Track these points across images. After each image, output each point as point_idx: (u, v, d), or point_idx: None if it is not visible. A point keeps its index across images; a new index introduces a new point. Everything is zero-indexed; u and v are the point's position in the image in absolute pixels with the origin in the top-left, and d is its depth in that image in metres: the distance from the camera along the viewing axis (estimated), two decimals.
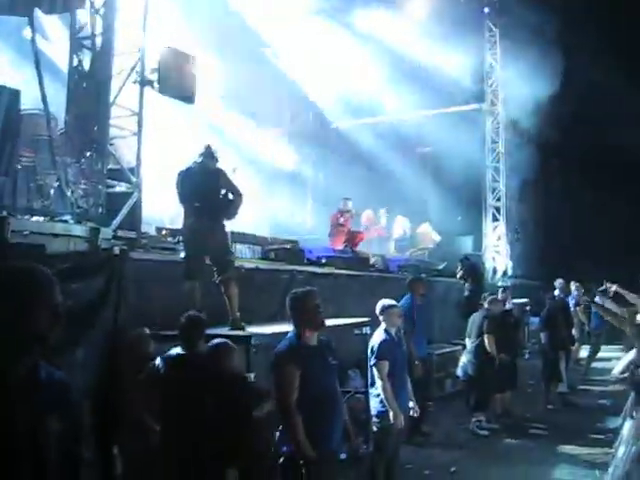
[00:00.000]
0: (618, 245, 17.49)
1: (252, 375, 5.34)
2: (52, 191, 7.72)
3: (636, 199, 16.88)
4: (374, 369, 6.01)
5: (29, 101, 7.65)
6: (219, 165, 6.93)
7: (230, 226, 7.31)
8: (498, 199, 18.57)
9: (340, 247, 12.86)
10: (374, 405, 6.07)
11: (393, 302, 6.47)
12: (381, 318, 6.29)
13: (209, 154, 6.90)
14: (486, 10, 18.29)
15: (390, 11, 17.93)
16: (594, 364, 13.43)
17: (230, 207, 6.78)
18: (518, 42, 16.62)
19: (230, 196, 6.79)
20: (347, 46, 17.82)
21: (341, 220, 13.80)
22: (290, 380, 4.32)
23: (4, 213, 6.04)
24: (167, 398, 4.75)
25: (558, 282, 13.02)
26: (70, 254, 6.15)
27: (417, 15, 17.85)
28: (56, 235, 6.42)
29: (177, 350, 5.03)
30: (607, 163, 17.24)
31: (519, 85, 16.83)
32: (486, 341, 8.95)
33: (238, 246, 9.58)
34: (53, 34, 12.70)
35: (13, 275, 2.17)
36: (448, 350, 11.22)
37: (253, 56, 17.81)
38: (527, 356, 14.24)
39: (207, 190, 6.75)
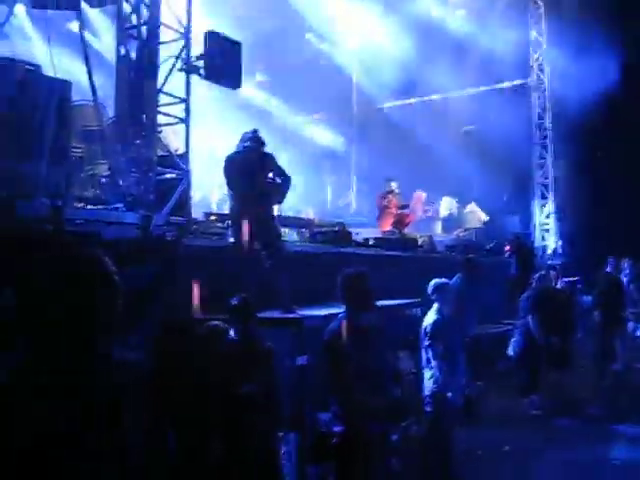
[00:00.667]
0: None
1: (305, 357, 5.40)
2: (104, 180, 7.90)
3: None
4: (428, 350, 6.01)
5: (79, 93, 7.79)
6: (266, 149, 6.99)
7: (278, 209, 7.37)
8: (546, 177, 18.24)
9: (388, 229, 12.80)
10: (428, 385, 6.07)
11: (446, 281, 6.46)
12: (434, 298, 6.28)
13: (256, 138, 6.96)
14: None
15: None
16: None
17: (279, 191, 6.83)
18: (564, 16, 16.24)
19: (278, 180, 6.84)
20: (390, 26, 17.69)
21: (385, 202, 13.70)
22: (343, 359, 4.36)
23: (59, 203, 6.19)
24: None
25: (610, 259, 12.77)
26: (124, 241, 6.27)
27: None
28: (109, 223, 6.57)
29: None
30: None
31: (566, 61, 16.47)
32: (530, 322, 8.83)
33: (286, 229, 9.65)
34: (99, 26, 12.93)
35: (81, 262, 2.23)
36: (499, 330, 11.13)
37: (297, 40, 17.83)
38: (579, 335, 13.99)
39: (255, 174, 6.80)
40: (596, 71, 15.65)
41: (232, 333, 5.01)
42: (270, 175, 6.88)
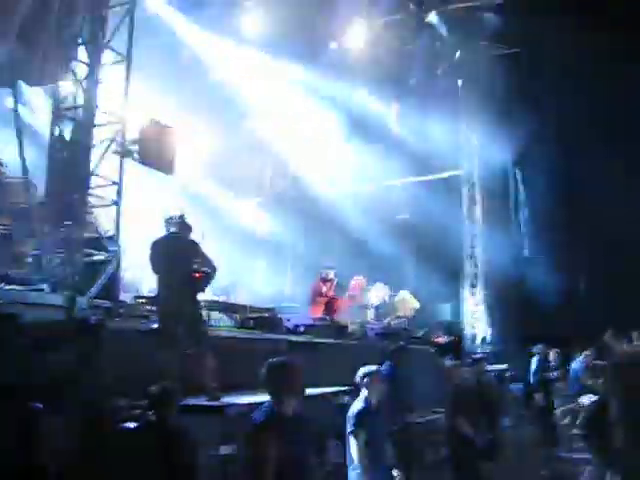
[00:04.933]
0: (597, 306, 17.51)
1: (228, 447, 5.25)
2: (29, 259, 7.70)
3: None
4: (351, 438, 5.90)
5: (10, 168, 7.71)
6: (192, 236, 6.98)
7: (207, 294, 7.30)
8: (476, 265, 18.69)
9: (319, 315, 12.78)
10: (352, 477, 5.95)
11: (375, 368, 6.43)
12: (362, 386, 6.23)
13: (183, 224, 6.93)
14: (459, 82, 18.79)
15: (369, 84, 18.51)
16: None
17: (202, 280, 6.80)
18: (489, 112, 17.19)
19: (203, 268, 6.82)
20: (326, 117, 18.25)
21: (323, 289, 13.71)
22: (266, 450, 4.24)
23: None
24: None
25: (536, 347, 13.04)
26: (44, 323, 6.08)
27: (394, 86, 18.44)
28: (31, 304, 6.38)
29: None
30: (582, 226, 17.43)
31: (493, 153, 17.29)
32: (457, 424, 8.64)
33: (216, 314, 9.54)
34: (35, 103, 12.89)
35: None
36: (429, 418, 11.06)
37: (233, 126, 18.16)
38: (508, 424, 14.05)
39: (180, 261, 6.76)
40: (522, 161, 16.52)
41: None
42: (195, 263, 6.85)
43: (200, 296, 6.97)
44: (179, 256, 6.73)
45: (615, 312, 13.76)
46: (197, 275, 6.81)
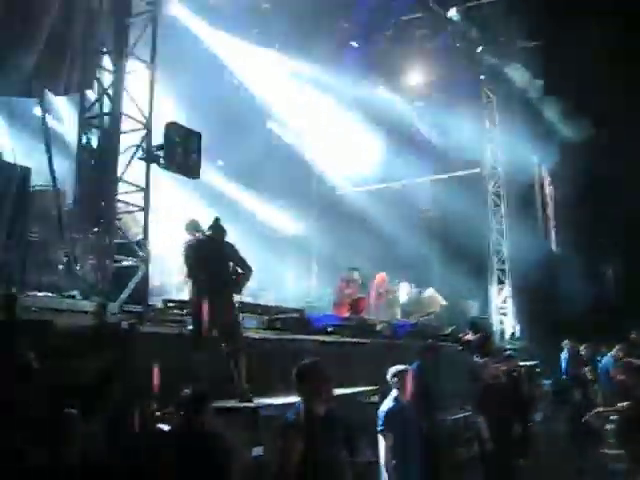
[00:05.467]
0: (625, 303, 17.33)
1: (260, 448, 5.30)
2: (61, 266, 7.82)
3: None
4: (380, 438, 5.92)
5: (39, 177, 7.84)
6: (227, 238, 7.04)
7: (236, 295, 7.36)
8: (503, 261, 18.62)
9: (345, 315, 12.81)
10: (384, 476, 5.97)
11: (405, 367, 6.44)
12: (393, 384, 6.24)
13: (217, 227, 7.02)
14: (482, 77, 18.71)
15: (391, 82, 18.52)
16: None
17: (239, 281, 6.86)
18: (513, 107, 17.10)
19: (239, 270, 6.88)
20: (349, 116, 18.27)
21: (347, 291, 13.75)
22: (290, 449, 4.29)
23: (13, 290, 6.12)
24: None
25: (564, 343, 12.97)
26: (77, 329, 6.18)
27: (417, 84, 18.43)
28: (64, 311, 6.49)
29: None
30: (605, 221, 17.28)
31: (517, 148, 17.20)
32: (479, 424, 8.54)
33: (244, 316, 9.59)
34: (62, 112, 13.10)
35: None
36: (459, 416, 11.03)
37: (259, 129, 18.26)
38: (538, 419, 13.92)
39: (216, 263, 6.83)
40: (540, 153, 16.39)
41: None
42: (231, 264, 6.93)
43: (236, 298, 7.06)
44: (215, 258, 6.81)
45: None
46: (234, 277, 6.88)
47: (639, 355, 7.86)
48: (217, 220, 7.14)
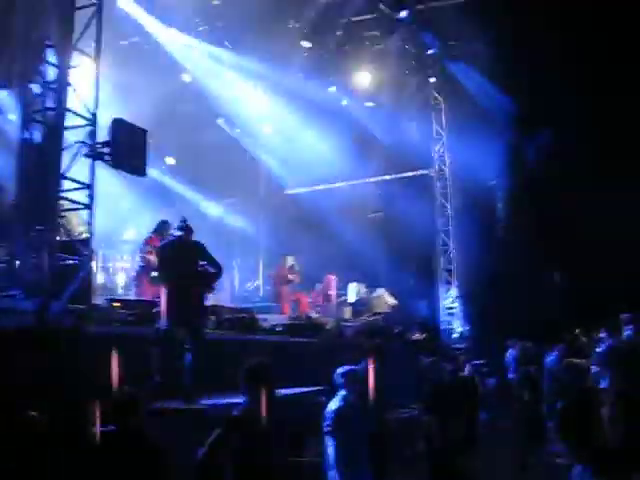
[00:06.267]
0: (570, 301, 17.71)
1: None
2: (1, 265, 7.60)
3: None
4: (328, 438, 5.91)
5: None
6: (195, 238, 7.16)
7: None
8: (450, 262, 18.86)
9: (288, 313, 12.92)
10: (330, 476, 5.95)
11: (353, 367, 6.44)
12: (340, 385, 6.23)
13: (186, 227, 7.14)
14: (431, 79, 18.91)
15: (341, 82, 18.56)
16: None
17: (210, 279, 6.98)
18: (462, 109, 17.34)
19: (210, 269, 7.00)
20: (300, 115, 18.25)
21: (290, 277, 13.92)
22: (220, 440, 4.31)
23: None
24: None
25: (510, 341, 13.18)
26: (18, 330, 6.00)
27: (367, 85, 18.50)
28: (3, 311, 6.30)
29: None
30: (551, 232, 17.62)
31: (465, 150, 17.43)
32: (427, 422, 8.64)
33: None
34: (5, 106, 12.71)
35: None
36: (407, 415, 11.12)
37: (206, 125, 18.13)
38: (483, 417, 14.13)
39: (186, 263, 6.94)
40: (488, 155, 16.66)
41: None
42: (200, 264, 7.05)
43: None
44: (185, 257, 6.92)
45: (586, 307, 13.94)
46: (204, 276, 7.00)
47: (581, 352, 8.03)
48: (184, 220, 7.28)
